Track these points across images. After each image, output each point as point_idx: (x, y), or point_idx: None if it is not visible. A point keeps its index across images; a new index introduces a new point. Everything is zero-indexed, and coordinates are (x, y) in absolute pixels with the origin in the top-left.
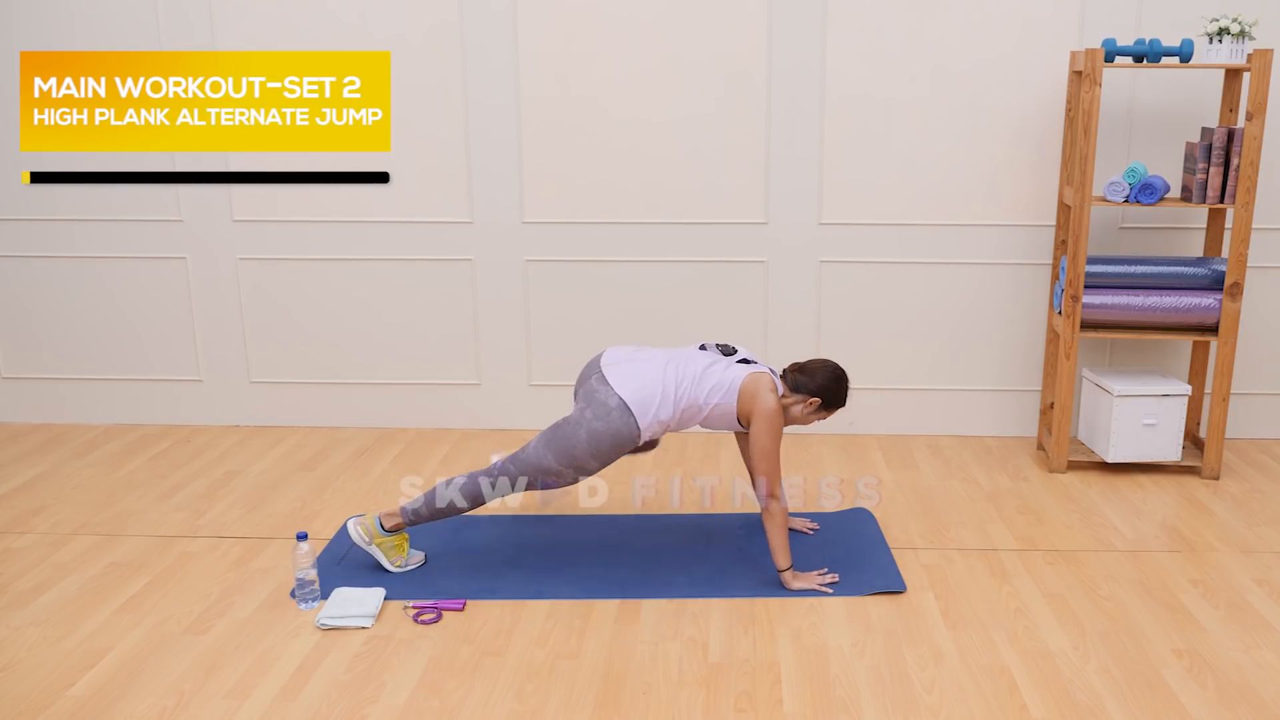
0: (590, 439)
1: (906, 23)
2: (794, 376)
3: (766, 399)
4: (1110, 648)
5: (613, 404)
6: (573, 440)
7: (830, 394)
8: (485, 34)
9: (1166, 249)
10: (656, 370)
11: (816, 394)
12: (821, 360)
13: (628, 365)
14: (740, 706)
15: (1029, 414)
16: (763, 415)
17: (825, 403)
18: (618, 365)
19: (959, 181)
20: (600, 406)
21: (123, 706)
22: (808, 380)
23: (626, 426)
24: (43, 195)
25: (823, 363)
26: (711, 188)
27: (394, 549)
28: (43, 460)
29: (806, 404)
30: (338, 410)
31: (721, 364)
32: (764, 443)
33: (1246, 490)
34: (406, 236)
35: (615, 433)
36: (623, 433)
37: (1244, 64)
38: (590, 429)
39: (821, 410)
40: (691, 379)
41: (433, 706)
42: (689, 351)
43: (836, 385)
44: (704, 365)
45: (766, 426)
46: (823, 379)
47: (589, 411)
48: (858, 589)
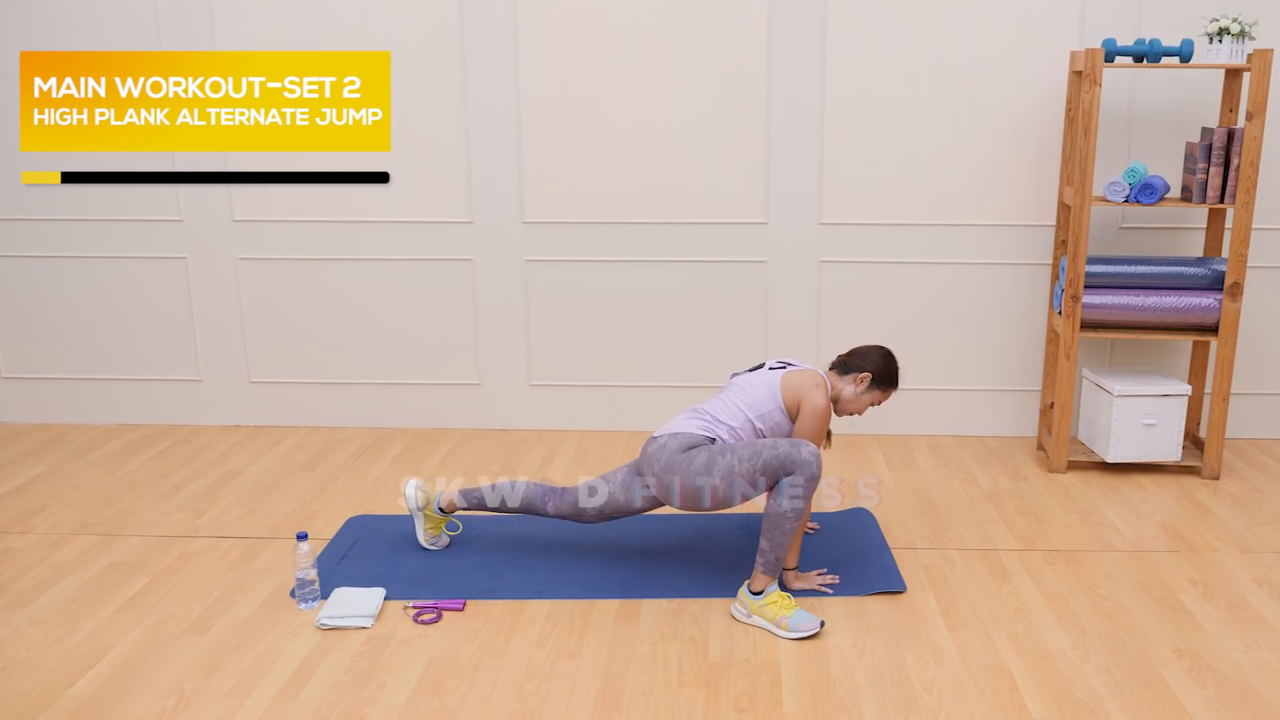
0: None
1: (906, 23)
2: (842, 361)
3: (814, 395)
4: (1110, 648)
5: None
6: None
7: (880, 369)
8: (485, 34)
9: (1166, 249)
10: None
11: (868, 369)
12: (867, 345)
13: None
14: (740, 706)
15: (1029, 414)
16: (811, 411)
17: (876, 379)
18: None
19: (959, 181)
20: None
21: (123, 706)
22: (858, 360)
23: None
24: (42, 195)
25: (869, 345)
26: (711, 188)
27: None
28: (43, 460)
29: (858, 381)
30: (338, 410)
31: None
32: (810, 437)
33: (1246, 490)
34: (406, 237)
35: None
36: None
37: (1244, 64)
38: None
39: (874, 389)
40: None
41: (433, 706)
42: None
43: (885, 363)
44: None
45: (814, 423)
46: (873, 357)
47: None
48: (858, 589)
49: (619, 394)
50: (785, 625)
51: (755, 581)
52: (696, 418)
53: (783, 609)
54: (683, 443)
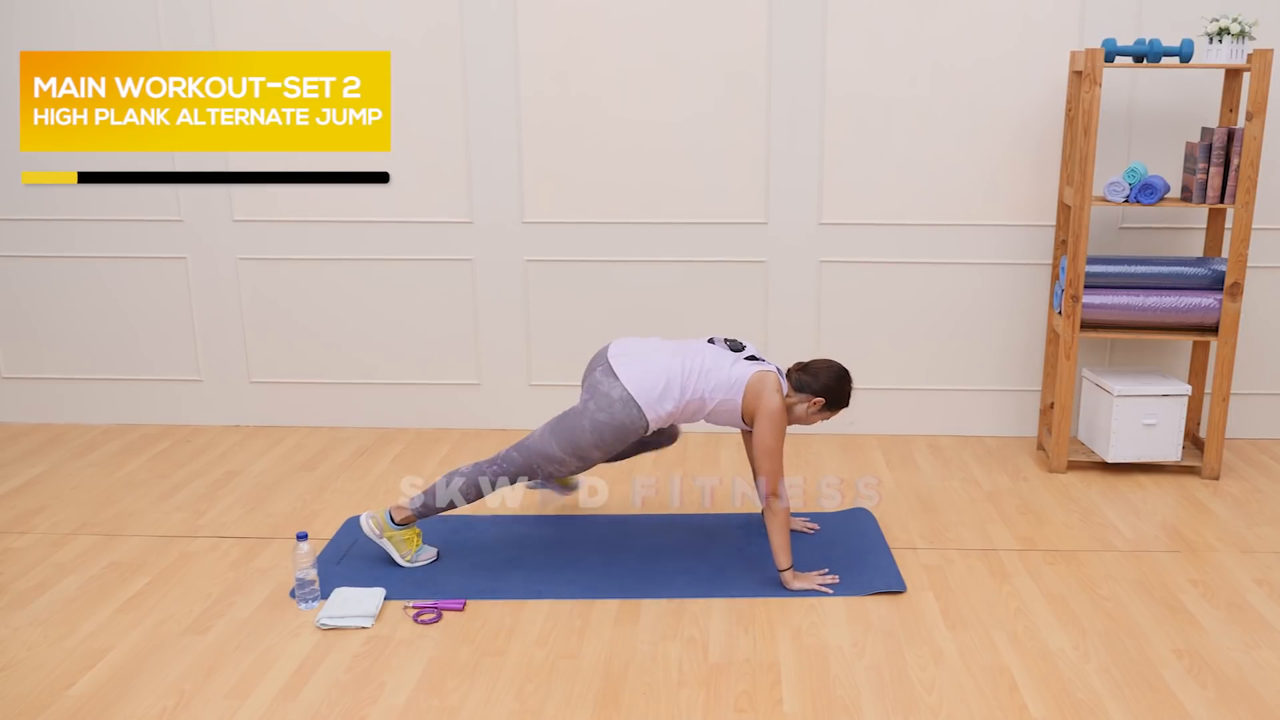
0: (594, 430)
1: (906, 22)
2: (798, 376)
3: (771, 399)
4: (1110, 648)
5: (616, 395)
6: (577, 430)
7: (834, 394)
8: (485, 34)
9: (1166, 249)
10: (662, 362)
11: (820, 394)
12: (826, 360)
13: (634, 358)
14: (740, 706)
15: (1029, 414)
16: (766, 415)
17: (829, 403)
18: (624, 357)
19: (959, 181)
20: (604, 398)
21: (123, 706)
22: (811, 380)
23: (630, 418)
24: (42, 195)
25: (827, 363)
26: (711, 187)
27: (405, 543)
28: (43, 460)
29: (810, 403)
30: (338, 410)
31: (728, 360)
32: (767, 442)
33: (1246, 490)
34: (406, 236)
35: (619, 424)
36: (627, 424)
37: (1244, 64)
38: (594, 420)
39: (825, 410)
40: (698, 373)
41: (433, 706)
42: (697, 344)
43: (840, 385)
44: (711, 360)
45: (770, 426)
46: (826, 379)
47: (593, 403)
48: (858, 589)
49: None
50: (408, 558)
51: (397, 513)
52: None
53: (411, 546)
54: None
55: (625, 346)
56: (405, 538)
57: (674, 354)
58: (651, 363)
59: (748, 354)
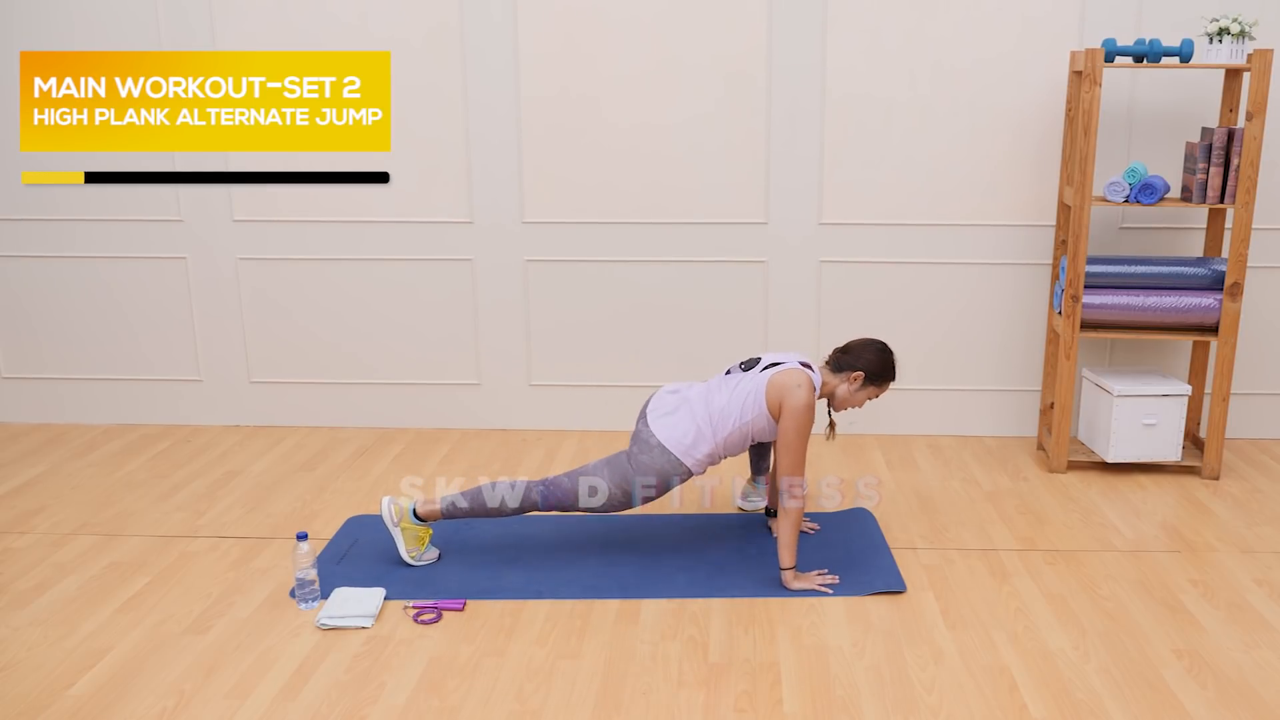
0: (640, 470)
1: (906, 23)
2: (836, 358)
3: (795, 395)
4: (1110, 648)
5: (654, 443)
6: (625, 468)
7: (873, 365)
8: (485, 34)
9: (1166, 249)
10: (690, 413)
11: (860, 368)
12: (862, 339)
13: (664, 413)
14: (740, 706)
15: (1029, 414)
16: (791, 411)
17: (869, 376)
18: (659, 416)
19: (959, 181)
20: (644, 445)
21: (123, 706)
22: (851, 358)
23: (670, 464)
24: (42, 195)
25: (864, 340)
26: (711, 188)
27: (415, 539)
28: (43, 460)
29: (850, 380)
30: (338, 410)
31: (746, 380)
32: (789, 438)
33: (1246, 490)
34: (406, 237)
35: (661, 468)
36: (668, 469)
37: (1244, 64)
38: (638, 461)
39: (868, 386)
40: (719, 413)
41: (433, 706)
42: (720, 380)
43: (880, 357)
44: (727, 394)
45: (792, 421)
46: (863, 352)
47: (635, 447)
48: (858, 589)
49: (619, 394)
50: (414, 555)
51: (424, 506)
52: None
53: (420, 544)
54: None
55: (662, 404)
56: (418, 534)
57: (699, 400)
58: (679, 417)
59: (764, 365)
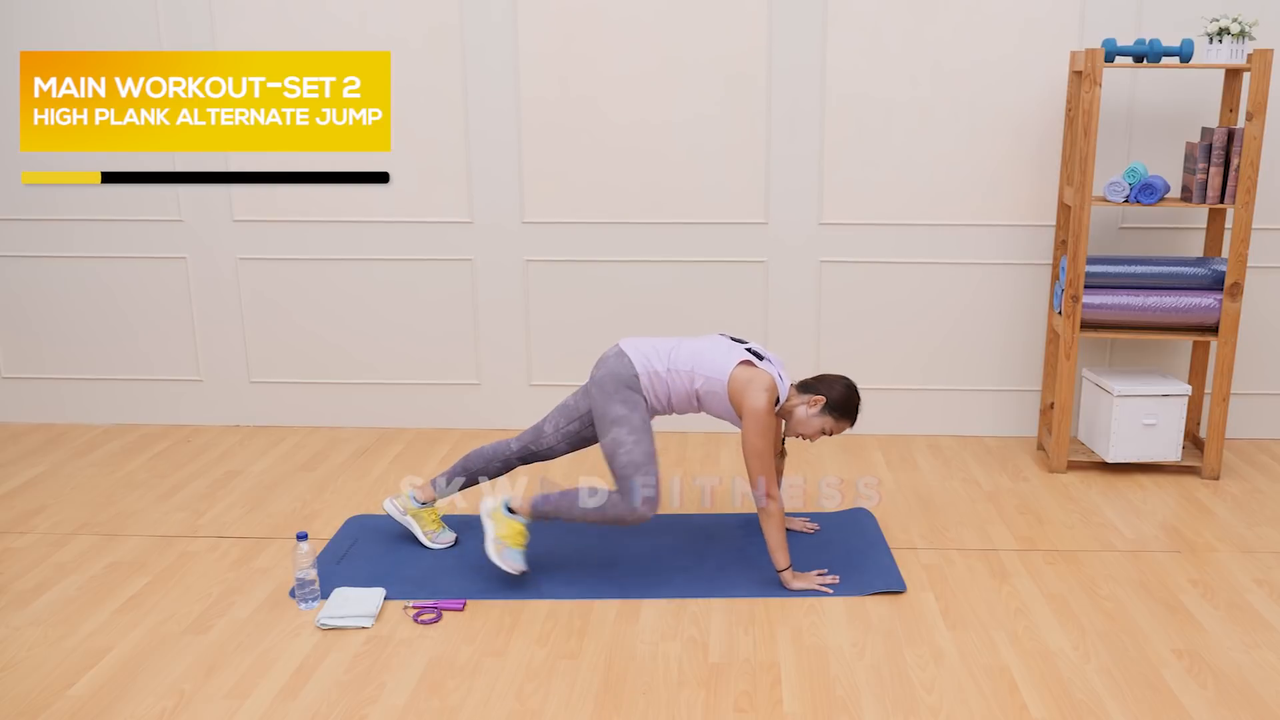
0: (597, 386)
1: (906, 23)
2: (806, 381)
3: (756, 397)
4: (1110, 648)
5: (612, 353)
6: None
7: (838, 398)
8: (485, 34)
9: (1166, 249)
10: (659, 338)
11: (823, 393)
12: (838, 374)
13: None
14: (740, 706)
15: (1029, 414)
16: (750, 414)
17: (830, 404)
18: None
19: (959, 181)
20: (601, 360)
21: (123, 706)
22: (819, 384)
23: (622, 365)
24: (42, 195)
25: (837, 375)
26: (711, 188)
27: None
28: (43, 460)
29: (810, 402)
30: (338, 410)
31: (724, 346)
32: (752, 442)
33: (1246, 490)
34: (406, 236)
35: (613, 372)
36: (620, 371)
37: (1244, 64)
38: (594, 380)
39: (826, 415)
40: (690, 352)
41: (433, 706)
42: (707, 335)
43: (846, 392)
44: (708, 343)
45: (754, 426)
46: (835, 385)
47: (594, 372)
48: (858, 589)
49: None
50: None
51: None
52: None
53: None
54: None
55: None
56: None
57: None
58: (649, 337)
59: (749, 347)
